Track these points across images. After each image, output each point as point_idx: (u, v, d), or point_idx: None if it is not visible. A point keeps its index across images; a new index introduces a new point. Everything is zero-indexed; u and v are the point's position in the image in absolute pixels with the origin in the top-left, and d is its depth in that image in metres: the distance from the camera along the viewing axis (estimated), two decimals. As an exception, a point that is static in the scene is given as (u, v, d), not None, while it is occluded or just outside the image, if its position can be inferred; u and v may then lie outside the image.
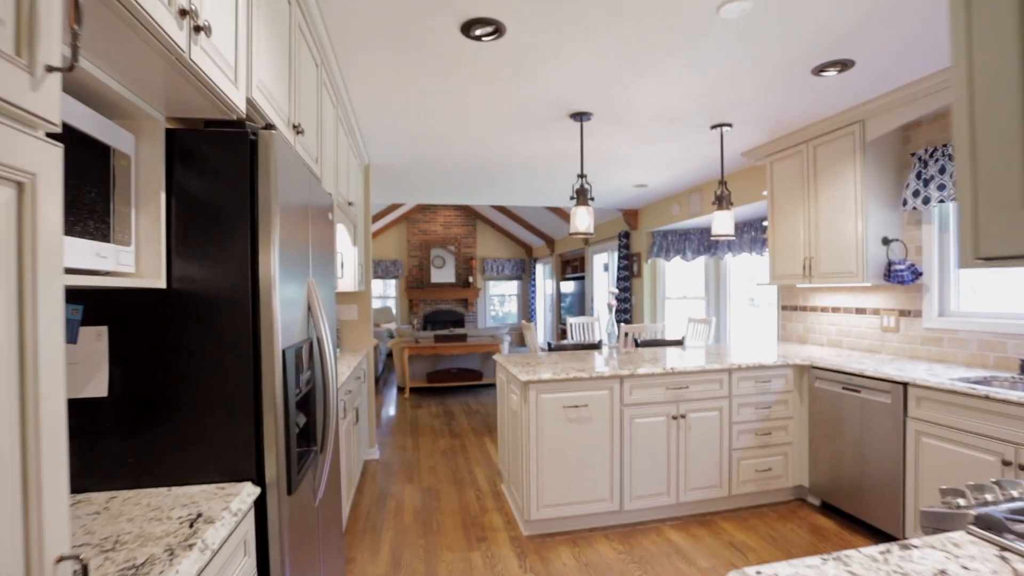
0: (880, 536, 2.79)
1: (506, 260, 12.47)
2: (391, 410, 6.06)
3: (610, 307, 5.65)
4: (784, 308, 4.30)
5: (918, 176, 3.06)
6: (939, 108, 2.77)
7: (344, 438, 2.67)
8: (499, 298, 12.83)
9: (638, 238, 7.19)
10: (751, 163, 4.36)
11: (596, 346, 4.05)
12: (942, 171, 2.92)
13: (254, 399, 1.28)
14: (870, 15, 2.15)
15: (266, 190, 1.28)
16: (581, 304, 9.54)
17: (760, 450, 3.17)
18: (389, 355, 10.50)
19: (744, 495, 3.20)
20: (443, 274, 11.86)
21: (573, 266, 10.26)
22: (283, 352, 1.32)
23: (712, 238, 3.68)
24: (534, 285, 12.44)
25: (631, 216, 7.24)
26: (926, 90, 2.79)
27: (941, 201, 2.91)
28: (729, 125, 3.49)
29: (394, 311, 11.93)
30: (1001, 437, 2.19)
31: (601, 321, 7.95)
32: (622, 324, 5.04)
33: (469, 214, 12.12)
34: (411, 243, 11.81)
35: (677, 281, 7.15)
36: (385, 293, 12.07)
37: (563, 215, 8.81)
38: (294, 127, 1.80)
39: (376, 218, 10.32)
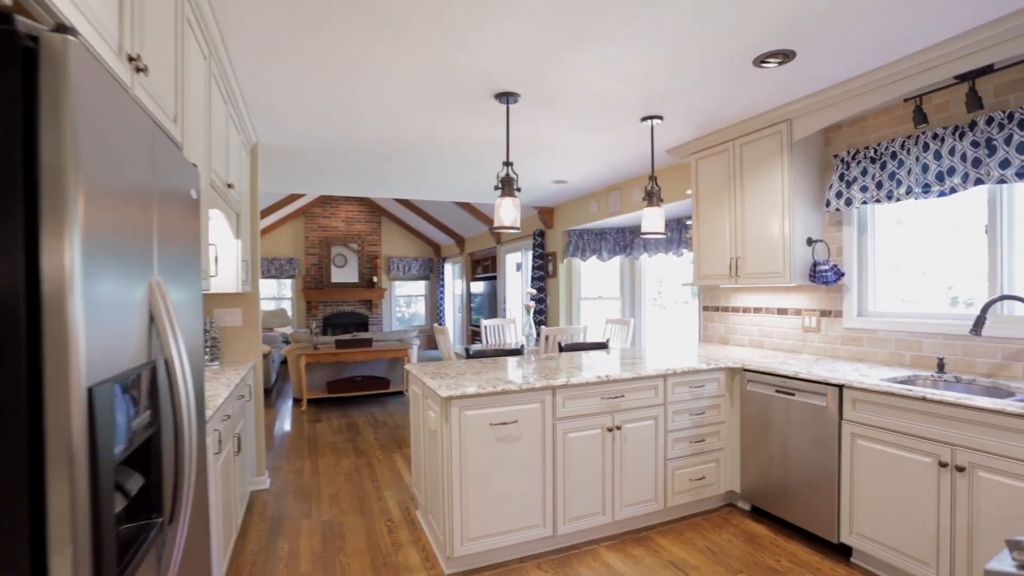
0: (814, 541, 2.73)
1: (413, 259, 11.88)
2: (286, 425, 5.33)
3: (528, 308, 5.38)
4: (706, 309, 4.27)
5: (841, 178, 3.07)
6: (860, 112, 2.78)
7: (217, 479, 2.10)
8: (406, 299, 12.20)
9: (554, 237, 7.02)
10: (676, 161, 4.29)
11: (518, 351, 3.73)
12: (864, 173, 2.94)
13: (29, 466, 0.78)
14: (818, 5, 2.02)
15: (56, 139, 0.78)
16: (493, 305, 9.25)
17: (694, 458, 3.03)
18: (284, 362, 9.52)
19: (679, 506, 3.04)
20: (345, 273, 11.01)
21: (484, 266, 9.94)
22: (89, 390, 0.83)
23: (642, 235, 3.51)
24: (443, 285, 11.96)
25: (547, 214, 7.06)
26: (851, 92, 2.78)
27: (864, 202, 2.93)
28: (660, 118, 3.33)
29: (290, 314, 10.88)
30: (938, 438, 2.16)
31: (517, 323, 7.70)
32: (542, 327, 4.79)
33: (374, 210, 11.38)
34: (310, 240, 10.83)
35: (592, 281, 7.07)
36: (280, 294, 10.98)
37: (475, 212, 8.45)
38: (129, 58, 1.27)
39: (269, 211, 9.29)
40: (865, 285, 3.12)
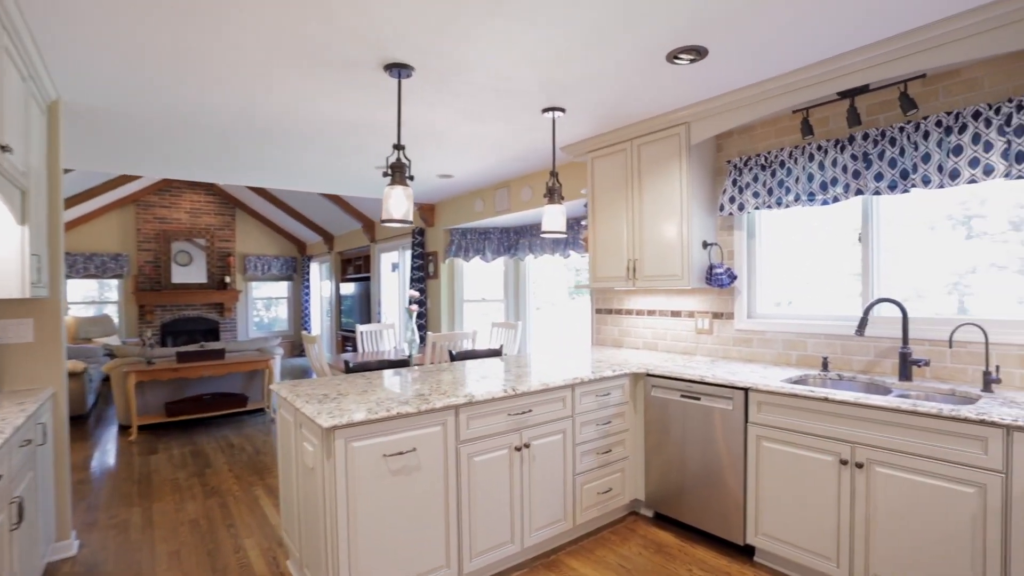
0: (719, 544, 2.72)
1: (274, 258, 10.67)
2: (109, 461, 4.28)
3: (410, 312, 4.94)
4: (599, 311, 4.21)
5: (734, 183, 3.14)
6: (755, 119, 2.84)
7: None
8: (265, 302, 10.92)
9: (434, 236, 6.63)
10: (571, 159, 4.17)
11: (405, 363, 3.31)
12: (755, 179, 3.03)
13: None
14: (738, 4, 1.94)
15: None
16: (366, 308, 8.57)
17: (601, 470, 2.87)
18: (106, 380, 7.90)
19: (587, 522, 2.87)
20: (190, 273, 9.50)
21: (356, 265, 9.20)
22: None
23: (543, 234, 3.31)
24: (308, 287, 10.91)
25: (427, 211, 6.65)
26: (748, 99, 2.83)
27: (756, 208, 3.01)
28: (562, 111, 3.14)
29: (116, 321, 9.10)
30: (838, 437, 2.21)
31: (396, 328, 7.16)
32: (428, 333, 4.39)
33: (226, 200, 9.98)
34: (143, 232, 9.16)
35: (475, 283, 6.81)
36: (103, 297, 9.14)
37: (346, 206, 7.74)
38: None
39: (87, 195, 7.63)
40: (754, 288, 3.22)
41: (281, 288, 11.08)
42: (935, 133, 2.38)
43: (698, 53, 2.40)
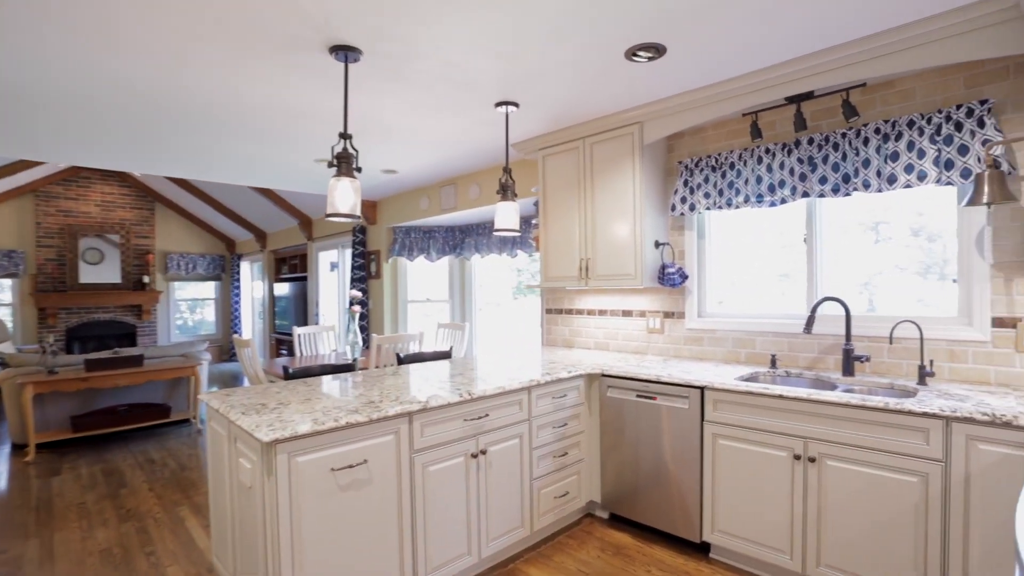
0: (675, 542, 2.72)
1: (199, 256, 9.94)
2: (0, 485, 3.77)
3: (353, 314, 4.70)
4: (549, 311, 4.17)
5: (685, 183, 3.18)
6: (707, 121, 2.88)
7: None
8: (190, 304, 10.15)
9: (376, 234, 6.38)
10: (521, 156, 4.10)
11: (350, 367, 3.11)
12: (706, 180, 3.07)
13: None
14: (699, 2, 1.93)
15: None
16: (302, 309, 8.14)
17: (558, 474, 2.81)
18: (-2, 392, 7.02)
19: (544, 528, 2.80)
20: (101, 272, 8.66)
21: (291, 264, 8.72)
22: None
23: (494, 233, 3.21)
24: (238, 287, 10.25)
25: (369, 208, 6.39)
26: (701, 101, 2.86)
27: (708, 208, 3.06)
28: (516, 105, 3.06)
29: (10, 326, 8.13)
30: (792, 432, 2.26)
31: (337, 330, 6.83)
32: (373, 335, 4.18)
33: (144, 193, 9.18)
34: (44, 227, 8.24)
35: (419, 283, 6.62)
36: (-8, 299, 8.15)
37: (281, 202, 7.31)
38: None
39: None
40: (704, 287, 3.28)
41: (208, 288, 10.34)
42: (874, 140, 2.49)
43: (657, 51, 2.38)
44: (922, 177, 2.35)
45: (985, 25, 2.08)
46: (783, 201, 2.76)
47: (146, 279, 9.01)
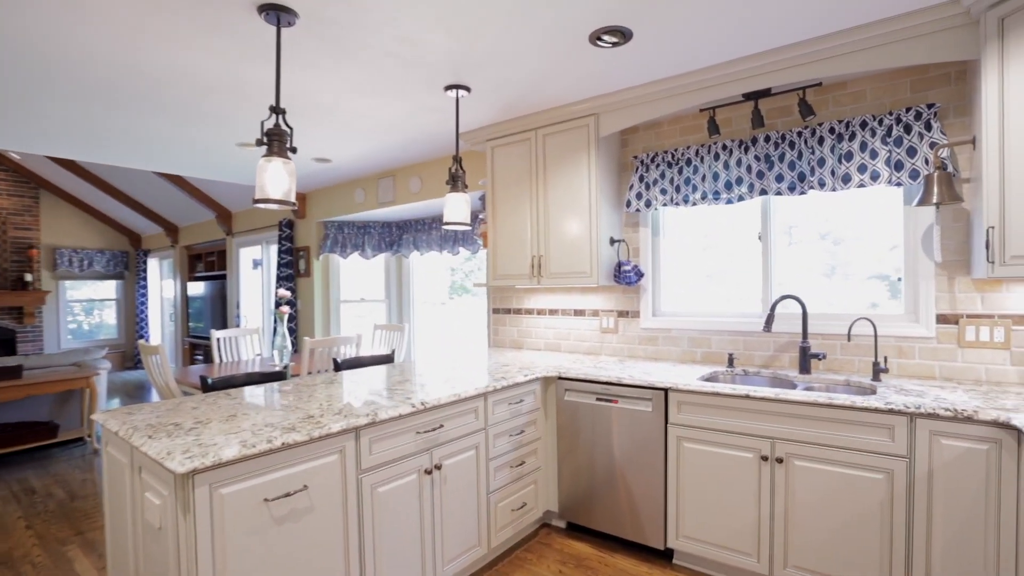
0: (641, 551, 2.62)
1: (97, 252, 8.88)
2: None
3: (280, 315, 4.28)
4: (496, 311, 3.98)
5: (641, 179, 3.10)
6: (665, 115, 2.81)
7: None
8: (85, 305, 9.04)
9: (306, 229, 5.92)
10: (467, 147, 3.89)
11: (281, 375, 2.77)
12: (663, 176, 3.01)
13: None
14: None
15: None
16: (221, 311, 7.45)
17: (515, 484, 2.63)
18: None
19: (501, 543, 2.61)
20: (-30, 269, 7.48)
21: (208, 262, 7.97)
22: None
23: (443, 227, 2.98)
24: (145, 287, 9.27)
25: (298, 201, 5.91)
26: (660, 93, 2.78)
27: (664, 204, 2.99)
28: (468, 90, 2.85)
29: None
30: (758, 433, 2.21)
31: (263, 333, 6.28)
32: (305, 339, 3.81)
33: (25, 178, 8.04)
34: None
35: (352, 282, 6.22)
36: None
37: (195, 192, 6.63)
38: None
39: None
40: (659, 286, 3.22)
41: (108, 288, 9.25)
42: (829, 139, 2.51)
43: (623, 36, 2.26)
44: (875, 177, 2.38)
45: (934, 31, 2.13)
46: (741, 199, 2.74)
47: (29, 277, 7.90)
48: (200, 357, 7.89)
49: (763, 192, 2.67)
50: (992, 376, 2.26)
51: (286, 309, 4.26)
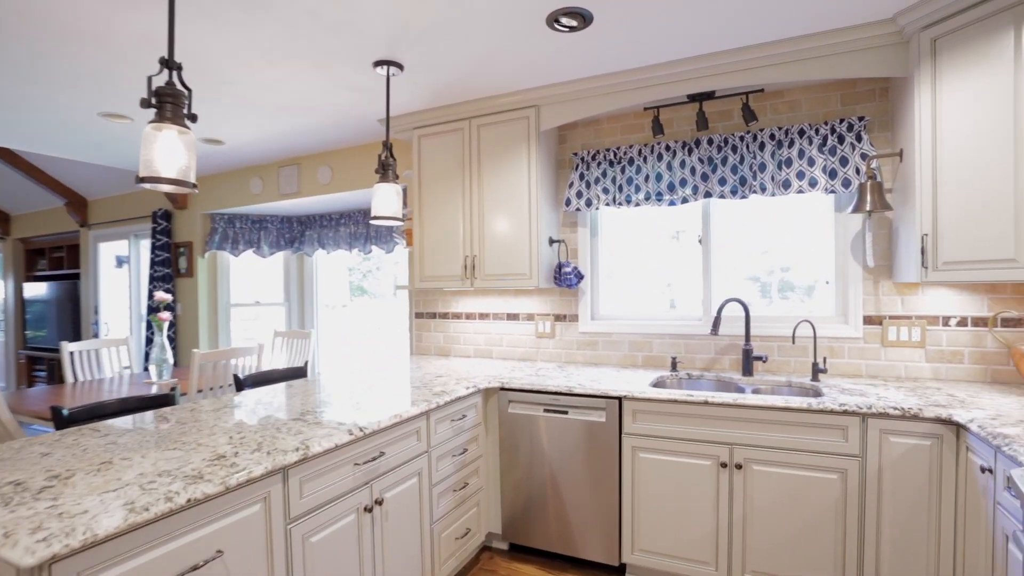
0: (593, 568, 2.47)
1: None
2: None
3: (158, 323, 3.59)
4: (419, 316, 3.66)
5: (581, 177, 2.97)
6: (610, 111, 2.70)
7: None
8: None
9: (188, 221, 5.12)
10: (391, 134, 3.52)
11: (167, 399, 2.25)
12: (604, 175, 2.90)
13: None
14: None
15: None
16: (72, 318, 6.25)
17: (459, 510, 2.37)
18: None
19: (442, 579, 2.33)
20: None
21: (54, 258, 6.66)
22: None
23: (371, 221, 2.63)
24: (-35, 288, 7.54)
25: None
26: (606, 88, 2.67)
27: (607, 204, 2.89)
28: (400, 67, 2.53)
29: None
30: (716, 440, 2.16)
31: (133, 345, 5.33)
32: (195, 352, 3.20)
33: None
34: None
35: (244, 283, 5.50)
36: None
37: (34, 172, 5.48)
38: None
39: None
40: (598, 288, 3.12)
41: (-95, 290, 7.39)
42: (769, 145, 2.55)
43: (583, 20, 2.10)
44: (813, 184, 2.45)
45: (869, 47, 2.22)
46: (685, 200, 2.71)
47: None
48: (43, 375, 6.58)
49: (707, 195, 2.66)
50: (911, 373, 2.42)
51: (166, 316, 3.60)
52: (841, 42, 2.24)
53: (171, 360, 3.62)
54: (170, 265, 5.17)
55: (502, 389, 2.60)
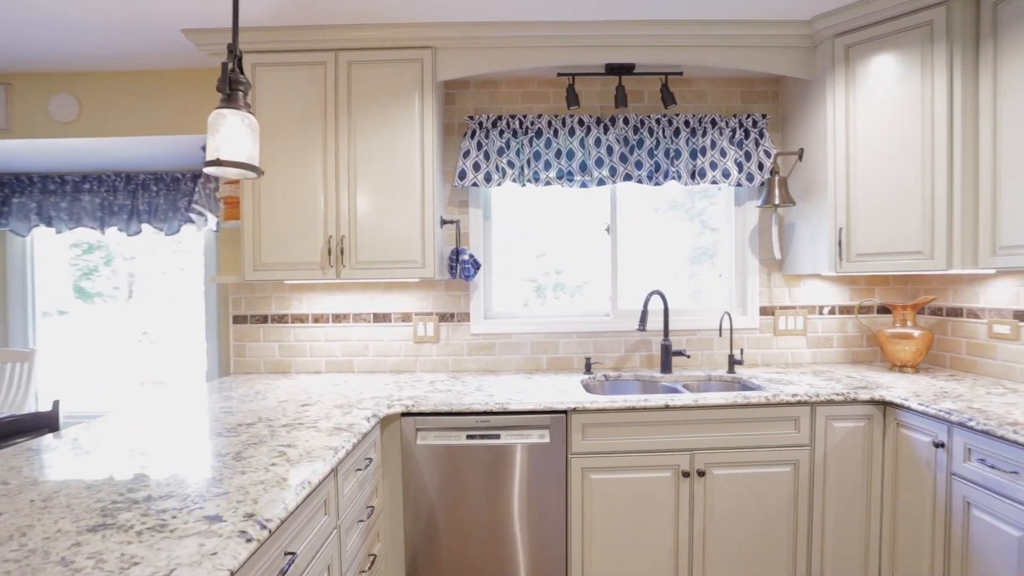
0: (522, 632, 1.99)
1: None
2: None
3: None
4: (238, 320, 2.64)
5: (479, 146, 2.46)
6: (519, 68, 2.27)
7: None
8: None
9: None
10: (202, 58, 2.44)
11: None
12: (508, 146, 2.46)
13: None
14: None
15: None
16: None
17: (364, 598, 1.64)
18: None
19: None
20: None
21: None
22: None
23: (207, 170, 1.73)
24: None
25: None
26: (517, 40, 2.25)
27: (513, 180, 2.44)
28: (255, -56, 1.66)
29: None
30: (676, 447, 1.94)
31: None
32: None
33: None
34: None
35: None
36: None
37: None
38: None
39: None
40: (491, 281, 2.64)
41: None
42: (684, 132, 2.46)
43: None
44: (726, 175, 2.44)
45: (782, 45, 2.29)
46: (602, 182, 2.44)
47: None
48: None
49: (628, 178, 2.44)
50: (796, 359, 2.60)
51: None
52: (756, 35, 2.25)
53: None
54: None
55: (405, 415, 1.94)
